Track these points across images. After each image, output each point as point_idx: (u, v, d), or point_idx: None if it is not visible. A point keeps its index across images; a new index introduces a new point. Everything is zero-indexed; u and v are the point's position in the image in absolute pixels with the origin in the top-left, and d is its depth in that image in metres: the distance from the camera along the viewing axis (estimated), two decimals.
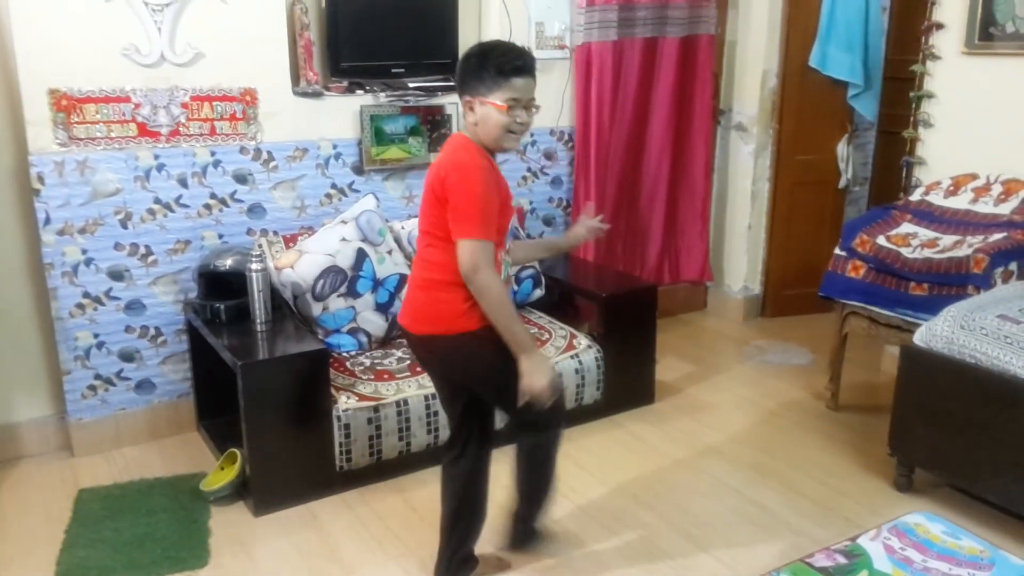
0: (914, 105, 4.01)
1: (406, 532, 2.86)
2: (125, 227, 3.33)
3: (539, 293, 3.95)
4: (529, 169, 4.26)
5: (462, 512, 2.50)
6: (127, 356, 3.43)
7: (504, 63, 2.19)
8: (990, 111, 3.71)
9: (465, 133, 2.31)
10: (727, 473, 3.26)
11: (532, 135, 4.21)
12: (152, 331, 3.46)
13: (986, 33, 3.69)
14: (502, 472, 2.58)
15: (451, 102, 3.89)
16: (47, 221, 3.19)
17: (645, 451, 3.44)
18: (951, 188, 3.71)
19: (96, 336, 3.36)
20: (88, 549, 2.77)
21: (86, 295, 3.31)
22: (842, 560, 2.54)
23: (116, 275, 3.35)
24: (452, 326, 2.29)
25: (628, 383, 3.76)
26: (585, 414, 3.63)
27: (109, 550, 2.76)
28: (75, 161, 3.19)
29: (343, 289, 3.35)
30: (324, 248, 3.37)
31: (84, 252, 3.27)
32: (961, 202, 3.62)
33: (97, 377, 3.39)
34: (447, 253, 2.21)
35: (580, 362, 3.55)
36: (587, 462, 3.33)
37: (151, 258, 3.40)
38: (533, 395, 2.23)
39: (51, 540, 2.82)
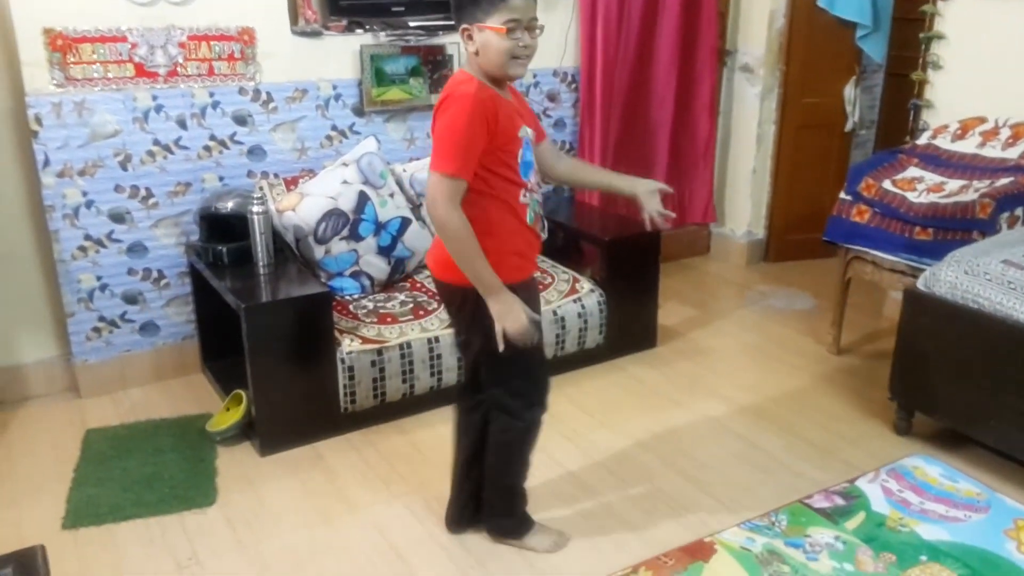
0: (923, 47, 3.94)
1: (410, 472, 2.90)
2: (125, 169, 3.30)
3: (543, 236, 3.92)
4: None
5: (474, 463, 2.48)
6: (130, 298, 3.44)
7: None
8: (1001, 53, 3.64)
9: (467, 69, 2.18)
10: (728, 416, 3.29)
11: (535, 76, 4.15)
12: (155, 274, 3.46)
13: None
14: None
15: (452, 42, 3.82)
16: (46, 163, 3.16)
17: (647, 394, 3.47)
18: (958, 132, 3.66)
19: (99, 278, 3.36)
20: (97, 487, 2.81)
21: (88, 237, 3.30)
22: (840, 501, 2.58)
23: (117, 217, 3.34)
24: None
25: (630, 327, 3.77)
26: (587, 358, 3.65)
27: (118, 488, 2.80)
28: (72, 102, 3.15)
29: (345, 232, 3.34)
30: (325, 191, 3.35)
31: (84, 194, 3.25)
32: (968, 146, 3.58)
33: (101, 319, 3.40)
34: (466, 202, 2.09)
35: (583, 306, 3.55)
36: (589, 405, 3.36)
37: (152, 200, 3.38)
38: (509, 338, 2.11)
39: (60, 479, 2.87)
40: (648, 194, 2.40)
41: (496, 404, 2.36)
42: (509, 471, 2.46)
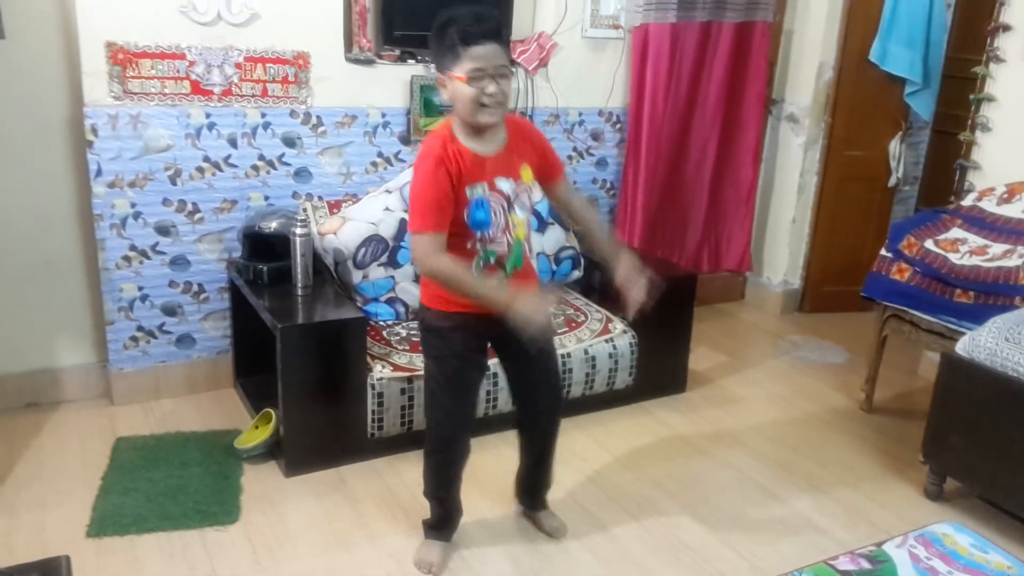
0: (973, 107, 3.92)
1: None
2: (174, 183, 3.37)
3: (577, 274, 3.94)
4: (575, 148, 4.23)
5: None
6: (169, 310, 3.49)
7: (459, 31, 2.06)
8: None
9: (452, 116, 2.23)
10: (753, 468, 3.25)
11: (580, 115, 4.18)
12: (195, 287, 3.52)
13: None
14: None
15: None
16: (98, 173, 3.24)
17: (673, 439, 3.45)
18: (1005, 195, 3.63)
19: (140, 289, 3.42)
20: (123, 496, 2.84)
21: (133, 248, 3.37)
22: (866, 565, 2.53)
23: (163, 230, 3.40)
24: (426, 300, 2.40)
25: (660, 370, 3.75)
26: (616, 399, 3.63)
27: (143, 499, 2.83)
28: (128, 115, 3.23)
29: (384, 258, 3.37)
30: (367, 216, 3.39)
31: (133, 205, 3.32)
32: (1015, 210, 3.54)
33: (139, 329, 3.46)
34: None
35: (614, 347, 3.55)
36: (614, 446, 3.34)
37: (198, 215, 3.45)
38: (539, 331, 2.17)
39: (88, 485, 2.90)
40: (629, 283, 2.37)
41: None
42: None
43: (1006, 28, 3.75)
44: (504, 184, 2.25)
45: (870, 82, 4.63)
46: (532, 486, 2.76)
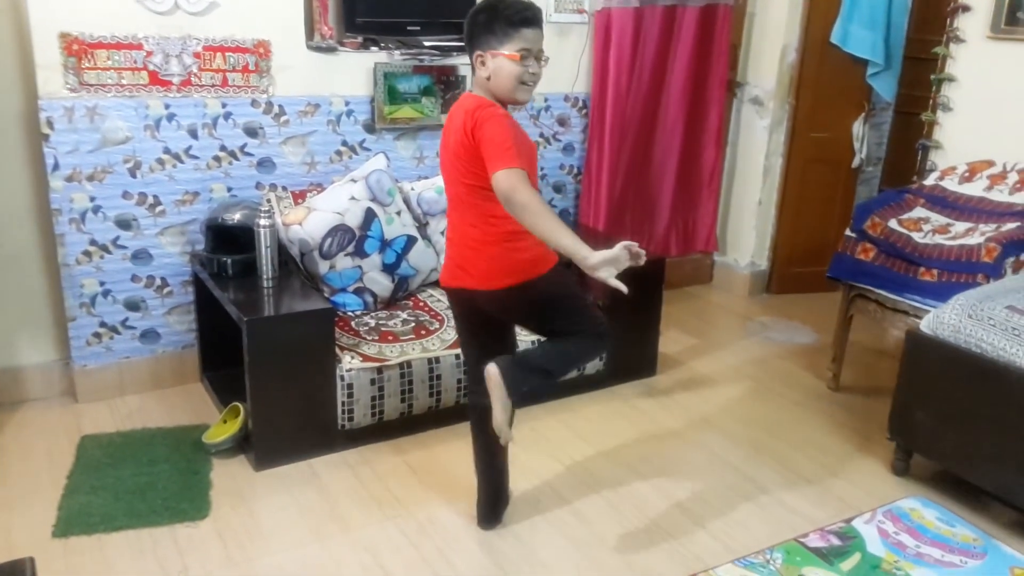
0: (934, 88, 3.96)
1: (405, 493, 2.89)
2: (134, 176, 3.31)
3: None
4: (542, 135, 4.22)
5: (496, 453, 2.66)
6: (132, 305, 3.44)
7: (514, 14, 2.24)
8: (1012, 98, 3.66)
9: (475, 92, 2.34)
10: (725, 449, 3.27)
11: (546, 100, 4.17)
12: (158, 281, 3.46)
13: (1013, 17, 3.63)
14: None
15: (465, 63, 3.81)
16: (55, 167, 3.17)
17: (644, 423, 3.46)
18: (966, 174, 3.68)
19: (102, 284, 3.36)
20: (90, 495, 2.79)
21: (93, 243, 3.30)
22: (836, 541, 2.57)
23: (124, 224, 3.34)
24: (537, 268, 2.36)
25: (631, 354, 3.76)
26: (587, 384, 3.64)
27: (111, 498, 2.79)
28: (85, 107, 3.16)
29: (351, 248, 3.34)
30: (333, 206, 3.35)
31: (92, 199, 3.26)
32: (976, 189, 3.59)
33: (102, 325, 3.40)
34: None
35: None
36: (586, 432, 3.35)
37: (159, 208, 3.39)
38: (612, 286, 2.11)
39: (53, 485, 2.85)
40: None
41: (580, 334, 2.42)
42: (558, 363, 2.46)
43: (965, 8, 3.79)
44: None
45: (833, 64, 4.66)
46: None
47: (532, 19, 2.26)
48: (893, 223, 3.49)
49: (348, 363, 3.05)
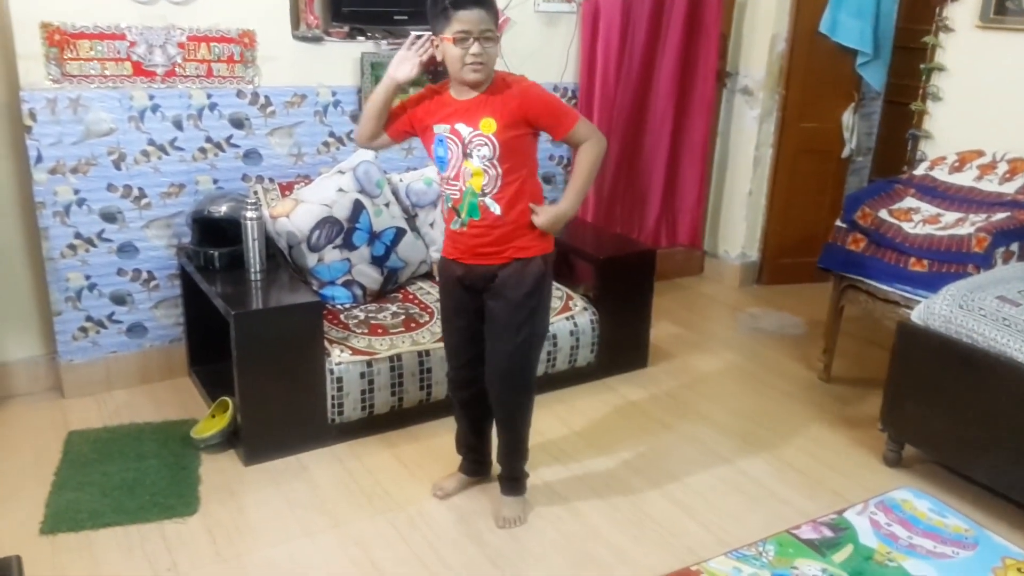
0: (924, 77, 3.96)
1: (395, 487, 2.87)
2: (118, 168, 3.27)
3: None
4: None
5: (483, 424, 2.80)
6: (119, 299, 3.40)
7: None
8: (1001, 87, 3.66)
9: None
10: (716, 441, 3.27)
11: None
12: (144, 275, 3.42)
13: (1002, 7, 3.62)
14: None
15: None
16: (39, 159, 3.12)
17: (636, 415, 3.45)
18: (956, 164, 3.67)
19: (88, 278, 3.32)
20: (77, 492, 2.76)
21: (78, 236, 3.26)
22: (828, 533, 2.56)
23: (109, 217, 3.30)
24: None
25: (622, 346, 3.75)
26: (578, 376, 3.63)
27: (98, 494, 2.76)
28: (68, 98, 3.12)
29: (339, 241, 3.31)
30: (321, 198, 3.32)
31: (76, 192, 3.22)
32: (966, 179, 3.59)
33: (88, 319, 3.36)
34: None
35: (575, 324, 3.53)
36: (578, 424, 3.34)
37: (144, 201, 3.35)
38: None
39: (41, 481, 2.82)
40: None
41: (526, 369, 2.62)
42: (527, 422, 2.71)
43: None
44: (463, 129, 2.39)
45: (822, 54, 4.65)
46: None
47: (466, 1, 2.29)
48: (883, 213, 3.48)
49: (337, 357, 3.02)
